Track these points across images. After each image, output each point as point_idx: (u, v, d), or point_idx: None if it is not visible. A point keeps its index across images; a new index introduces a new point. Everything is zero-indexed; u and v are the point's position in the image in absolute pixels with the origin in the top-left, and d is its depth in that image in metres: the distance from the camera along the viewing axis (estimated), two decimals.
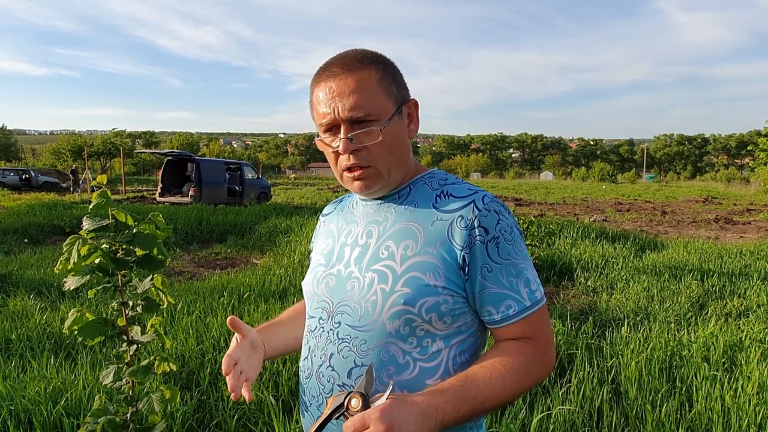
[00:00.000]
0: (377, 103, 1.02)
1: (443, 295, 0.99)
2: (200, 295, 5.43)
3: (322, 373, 1.05)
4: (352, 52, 1.06)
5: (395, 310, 0.99)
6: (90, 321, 1.60)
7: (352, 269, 1.06)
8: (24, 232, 10.62)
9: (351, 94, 1.00)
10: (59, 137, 60.75)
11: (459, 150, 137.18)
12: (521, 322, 1.01)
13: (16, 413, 2.80)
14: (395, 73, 1.07)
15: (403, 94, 1.08)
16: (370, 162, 1.03)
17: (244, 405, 3.06)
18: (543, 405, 3.01)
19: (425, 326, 1.00)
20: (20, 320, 4.52)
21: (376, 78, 1.02)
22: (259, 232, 10.92)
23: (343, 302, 1.05)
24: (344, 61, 1.03)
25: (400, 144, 1.06)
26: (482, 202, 1.02)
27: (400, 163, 1.07)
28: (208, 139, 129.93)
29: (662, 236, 11.66)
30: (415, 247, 1.01)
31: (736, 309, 5.39)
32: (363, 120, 1.01)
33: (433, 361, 1.01)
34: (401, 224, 1.05)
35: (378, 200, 1.12)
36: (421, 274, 0.99)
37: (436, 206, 1.05)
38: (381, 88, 1.02)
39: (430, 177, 1.12)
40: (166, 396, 1.66)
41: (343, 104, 1.00)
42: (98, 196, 1.54)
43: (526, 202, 22.65)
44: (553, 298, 6.06)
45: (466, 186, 1.07)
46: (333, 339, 1.04)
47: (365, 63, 1.03)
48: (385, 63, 1.06)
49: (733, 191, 38.04)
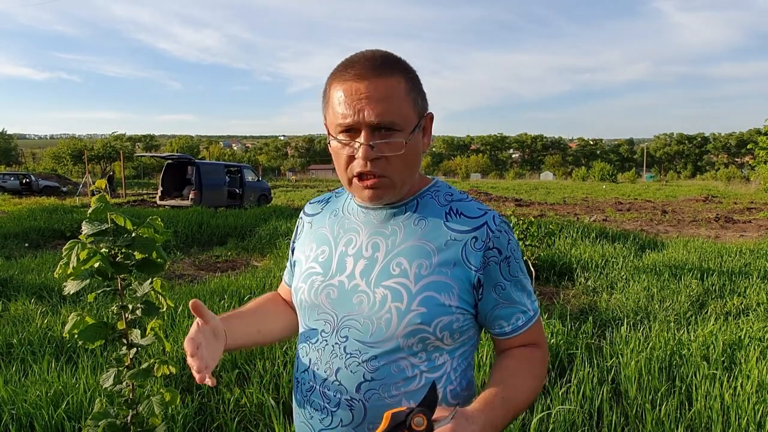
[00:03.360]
0: (404, 113, 0.99)
1: (456, 314, 1.02)
2: (201, 298, 5.43)
3: (328, 387, 1.04)
4: (379, 54, 1.01)
5: (411, 329, 1.00)
6: (90, 325, 1.61)
7: (358, 282, 1.05)
8: (24, 237, 10.63)
9: (381, 100, 0.96)
10: (59, 141, 60.72)
11: (459, 151, 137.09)
12: (528, 330, 1.09)
13: (17, 417, 2.81)
14: (419, 84, 1.05)
15: (425, 106, 1.05)
16: (386, 172, 1.00)
17: (245, 407, 3.07)
18: (543, 404, 3.02)
19: (437, 343, 1.02)
20: (21, 324, 4.53)
21: (405, 87, 0.99)
22: (259, 235, 10.93)
23: (350, 317, 1.03)
24: (374, 63, 0.98)
25: (416, 157, 1.04)
26: (494, 223, 1.05)
27: (413, 175, 1.06)
28: (208, 142, 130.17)
29: (662, 235, 11.66)
30: (429, 267, 1.02)
31: (735, 308, 5.39)
32: (388, 128, 0.97)
33: (437, 372, 1.04)
34: (413, 241, 1.04)
35: (381, 209, 1.09)
36: (436, 293, 1.00)
37: (447, 225, 1.05)
38: (409, 98, 1.00)
39: (436, 190, 1.11)
40: (166, 398, 1.67)
41: (371, 109, 0.96)
42: (97, 200, 1.55)
43: (526, 203, 22.65)
44: (553, 298, 6.06)
45: (475, 205, 1.08)
46: (339, 353, 1.03)
47: (396, 69, 0.99)
48: (411, 72, 1.03)
49: (733, 190, 38.03)
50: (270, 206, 17.51)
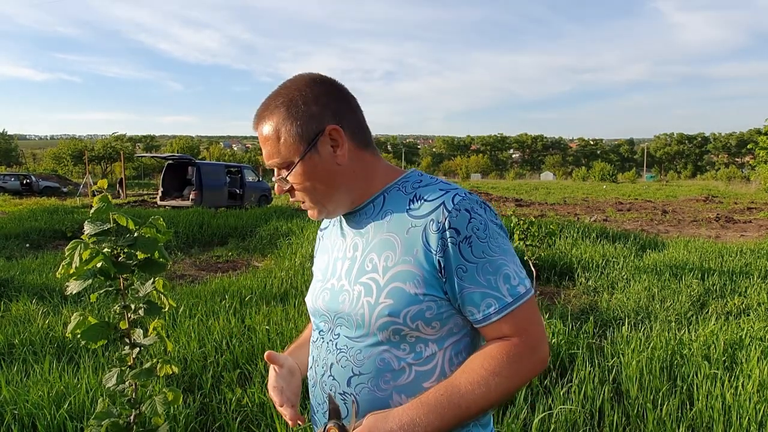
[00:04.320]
0: (284, 149, 1.04)
1: (426, 302, 0.99)
2: (202, 299, 5.44)
3: (325, 382, 1.09)
4: (268, 97, 1.08)
5: (382, 322, 1.01)
6: (92, 325, 1.62)
7: (343, 282, 1.09)
8: (25, 237, 10.64)
9: (264, 144, 1.07)
10: (60, 142, 60.77)
11: (459, 151, 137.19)
12: (504, 319, 0.98)
13: (20, 417, 2.82)
14: (298, 108, 1.03)
15: (312, 128, 1.03)
16: (303, 198, 1.09)
17: (246, 407, 3.07)
18: (544, 404, 3.02)
19: (414, 333, 1.01)
20: (23, 325, 4.54)
21: (278, 123, 1.04)
22: (260, 235, 10.94)
23: (339, 315, 1.08)
24: (259, 109, 1.08)
25: (327, 175, 1.05)
26: (452, 203, 0.99)
27: (340, 190, 1.07)
28: (208, 143, 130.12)
29: (663, 235, 11.66)
30: (394, 257, 1.02)
31: (736, 307, 5.39)
32: (280, 166, 1.07)
33: (428, 364, 1.02)
34: (381, 235, 1.05)
35: (354, 213, 1.12)
36: (402, 283, 1.00)
37: (409, 212, 1.03)
38: (284, 132, 1.04)
39: (405, 181, 1.10)
40: (168, 398, 1.67)
41: (264, 154, 1.08)
42: (99, 200, 1.55)
43: (526, 203, 22.65)
44: (553, 298, 6.06)
45: (438, 186, 1.04)
46: (332, 349, 1.09)
47: (270, 108, 1.05)
48: (290, 101, 1.03)
49: (733, 190, 38.04)
50: (270, 207, 17.51)
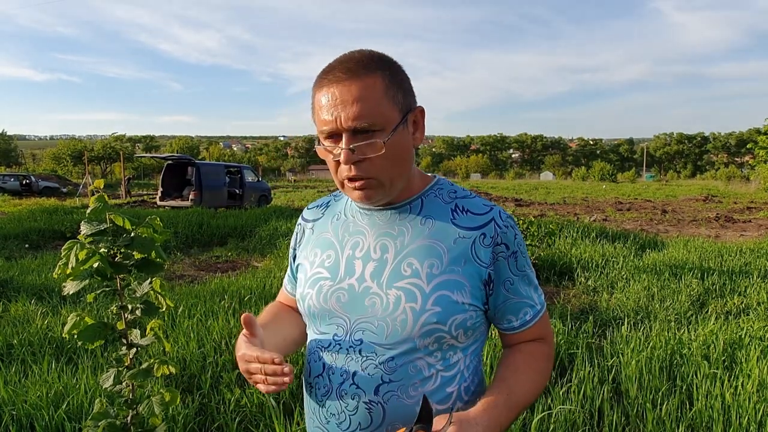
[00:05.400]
0: (381, 113, 0.96)
1: (469, 311, 1.03)
2: (201, 299, 5.43)
3: (345, 391, 1.03)
4: (357, 54, 1.00)
5: (427, 329, 1.00)
6: (89, 325, 1.61)
7: (369, 284, 1.04)
8: (25, 238, 10.62)
9: (354, 103, 0.95)
10: (59, 142, 60.62)
11: (459, 151, 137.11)
12: (535, 325, 1.10)
13: (18, 418, 2.81)
14: (402, 79, 1.02)
15: (410, 102, 1.02)
16: (371, 173, 0.99)
17: (245, 408, 3.07)
18: (543, 404, 3.02)
19: (452, 341, 1.03)
20: (21, 325, 4.53)
21: (381, 85, 0.97)
22: (259, 235, 10.93)
23: (363, 319, 1.03)
24: (348, 65, 0.97)
25: (404, 154, 1.02)
26: (501, 219, 1.06)
27: (404, 173, 1.04)
28: (208, 143, 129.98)
29: (662, 235, 11.66)
30: (440, 266, 1.02)
31: (736, 307, 5.39)
32: (366, 130, 0.96)
33: (452, 370, 1.05)
34: (422, 241, 1.04)
35: (384, 210, 1.09)
36: (450, 292, 1.01)
37: (455, 223, 1.05)
38: (386, 97, 0.97)
39: (439, 188, 1.12)
40: (166, 398, 1.66)
41: (346, 113, 0.95)
42: (95, 200, 1.55)
43: (526, 203, 22.64)
44: (553, 297, 6.05)
45: (480, 201, 1.09)
46: (354, 356, 1.02)
47: (371, 68, 0.97)
48: (392, 68, 1.00)
49: (733, 189, 38.03)
50: (270, 207, 17.51)
